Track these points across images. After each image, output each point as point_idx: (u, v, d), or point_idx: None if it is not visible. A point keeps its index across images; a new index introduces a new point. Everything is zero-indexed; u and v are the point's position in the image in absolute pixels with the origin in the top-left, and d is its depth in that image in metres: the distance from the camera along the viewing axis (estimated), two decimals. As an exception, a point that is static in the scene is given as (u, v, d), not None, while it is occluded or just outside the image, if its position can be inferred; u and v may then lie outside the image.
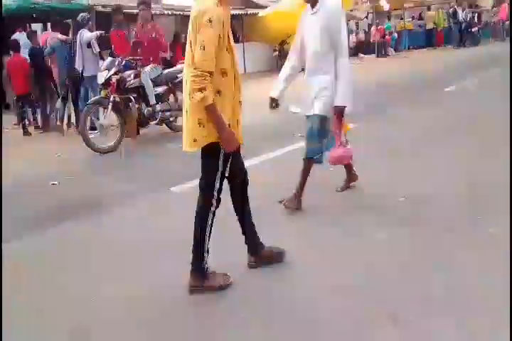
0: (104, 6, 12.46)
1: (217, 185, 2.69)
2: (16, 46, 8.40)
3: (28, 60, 8.36)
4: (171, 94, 7.18)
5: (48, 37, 8.72)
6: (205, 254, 2.66)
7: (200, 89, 2.32)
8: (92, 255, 3.32)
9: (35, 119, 8.46)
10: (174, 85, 7.09)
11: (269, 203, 3.80)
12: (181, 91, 7.17)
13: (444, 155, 4.89)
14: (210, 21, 2.31)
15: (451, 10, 19.40)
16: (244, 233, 2.88)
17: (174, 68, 7.37)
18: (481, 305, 2.36)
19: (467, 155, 4.82)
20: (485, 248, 2.94)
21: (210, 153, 2.59)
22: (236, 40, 16.33)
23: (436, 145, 5.28)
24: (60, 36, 8.05)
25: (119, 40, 7.88)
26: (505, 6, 20.20)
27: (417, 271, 2.74)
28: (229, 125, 2.48)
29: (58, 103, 7.97)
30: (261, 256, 2.89)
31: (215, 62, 2.37)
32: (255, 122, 7.61)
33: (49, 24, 11.74)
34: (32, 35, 8.87)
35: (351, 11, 18.92)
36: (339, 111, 3.55)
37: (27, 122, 8.32)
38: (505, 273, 2.52)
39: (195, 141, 2.52)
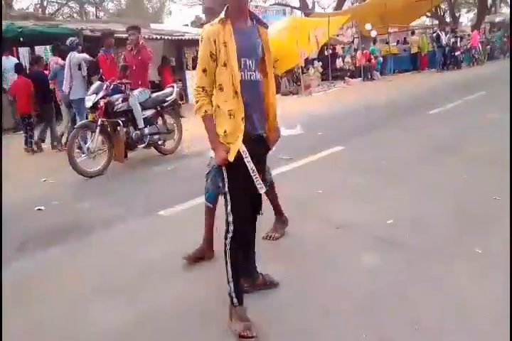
0: (92, 30, 12.58)
1: (230, 209, 2.56)
2: (20, 69, 8.93)
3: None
4: (160, 118, 7.19)
5: (51, 62, 9.06)
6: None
7: (196, 102, 2.47)
8: (81, 281, 3.25)
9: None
10: (162, 108, 7.12)
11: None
12: (169, 115, 7.32)
13: (430, 176, 4.92)
14: (201, 40, 2.44)
15: (434, 34, 19.82)
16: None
17: (162, 92, 7.41)
18: (475, 326, 2.33)
19: (453, 176, 4.86)
20: (473, 268, 2.94)
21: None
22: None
23: (422, 166, 5.31)
24: (60, 61, 8.43)
25: (107, 64, 7.93)
26: (476, 33, 21.18)
27: (407, 294, 2.71)
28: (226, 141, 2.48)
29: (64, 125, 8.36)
30: (255, 283, 2.87)
31: (215, 78, 2.45)
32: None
33: (36, 47, 11.88)
34: (38, 60, 9.10)
35: (337, 35, 19.31)
36: None
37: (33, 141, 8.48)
38: (496, 294, 2.51)
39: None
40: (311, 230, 3.78)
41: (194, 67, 9.92)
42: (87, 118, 6.74)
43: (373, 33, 18.81)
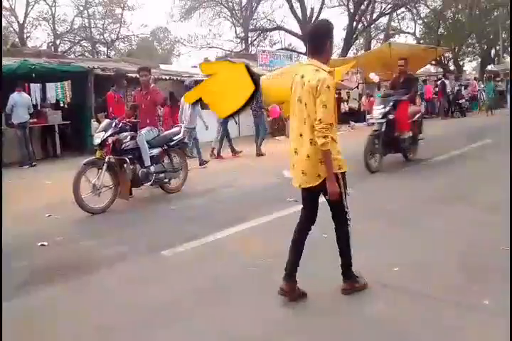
0: (103, 69, 12.89)
1: (347, 205, 3.29)
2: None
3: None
4: (166, 156, 7.25)
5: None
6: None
7: (324, 137, 2.98)
8: (81, 322, 3.19)
9: None
10: (169, 147, 7.19)
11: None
12: (176, 154, 7.39)
13: (433, 223, 4.89)
14: (329, 87, 3.03)
15: (439, 82, 20.21)
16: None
17: (170, 131, 7.50)
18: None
19: (458, 224, 4.83)
20: (482, 322, 2.88)
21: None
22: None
23: (425, 213, 5.29)
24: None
25: (114, 102, 8.18)
26: (475, 84, 21.62)
27: None
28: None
29: None
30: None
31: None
32: (250, 186, 7.67)
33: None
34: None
35: (342, 81, 19.68)
36: None
37: None
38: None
39: (318, 176, 3.13)
40: (315, 274, 3.72)
41: (202, 108, 10.10)
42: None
43: (376, 78, 19.15)
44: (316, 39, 3.23)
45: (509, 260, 3.36)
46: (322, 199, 3.36)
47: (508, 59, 34.12)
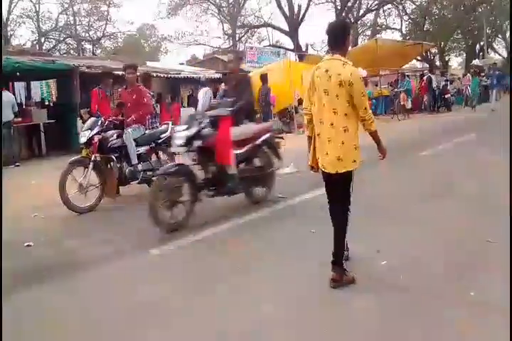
0: (88, 67, 12.75)
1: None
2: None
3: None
4: (154, 154, 7.19)
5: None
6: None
7: (373, 121, 3.43)
8: (67, 322, 3.16)
9: None
10: (157, 145, 7.13)
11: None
12: (164, 152, 7.33)
13: (422, 217, 4.91)
14: (360, 78, 3.40)
15: (425, 77, 20.31)
16: None
17: (158, 129, 7.43)
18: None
19: (445, 217, 4.88)
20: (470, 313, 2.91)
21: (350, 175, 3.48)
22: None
23: (414, 207, 5.33)
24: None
25: (98, 99, 8.21)
26: (468, 77, 21.57)
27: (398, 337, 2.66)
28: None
29: None
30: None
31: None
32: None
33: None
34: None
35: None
36: None
37: None
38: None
39: (354, 161, 3.42)
40: (303, 268, 3.74)
41: (189, 105, 10.09)
42: None
43: (363, 72, 19.14)
44: (337, 35, 3.49)
45: (509, 258, 3.39)
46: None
47: (492, 54, 34.47)
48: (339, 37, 3.48)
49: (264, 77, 13.58)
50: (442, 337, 2.71)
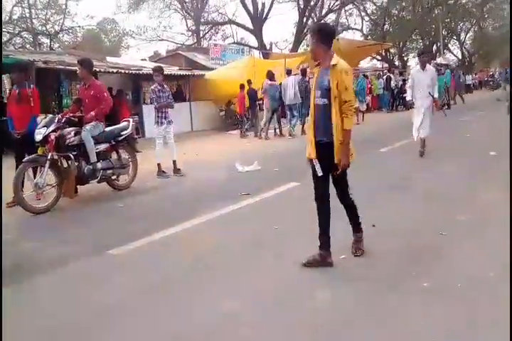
0: (45, 62, 12.35)
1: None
2: None
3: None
4: (114, 152, 7.04)
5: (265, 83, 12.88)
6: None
7: (352, 115, 3.54)
8: (24, 324, 3.07)
9: None
10: (117, 143, 6.98)
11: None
12: (124, 149, 7.17)
13: (379, 211, 5.00)
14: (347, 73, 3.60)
15: (384, 77, 20.70)
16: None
17: (117, 126, 7.27)
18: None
19: (401, 211, 5.04)
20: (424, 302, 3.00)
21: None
22: (183, 99, 16.64)
23: (372, 202, 5.36)
24: (268, 82, 13.36)
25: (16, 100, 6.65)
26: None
27: (360, 329, 2.71)
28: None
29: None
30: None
31: None
32: (202, 179, 7.60)
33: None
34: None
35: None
36: None
37: None
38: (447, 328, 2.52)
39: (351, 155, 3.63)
40: (266, 265, 3.75)
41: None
42: None
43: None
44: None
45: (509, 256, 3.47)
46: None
47: (448, 55, 35.45)
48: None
49: (270, 74, 13.49)
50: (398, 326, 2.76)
